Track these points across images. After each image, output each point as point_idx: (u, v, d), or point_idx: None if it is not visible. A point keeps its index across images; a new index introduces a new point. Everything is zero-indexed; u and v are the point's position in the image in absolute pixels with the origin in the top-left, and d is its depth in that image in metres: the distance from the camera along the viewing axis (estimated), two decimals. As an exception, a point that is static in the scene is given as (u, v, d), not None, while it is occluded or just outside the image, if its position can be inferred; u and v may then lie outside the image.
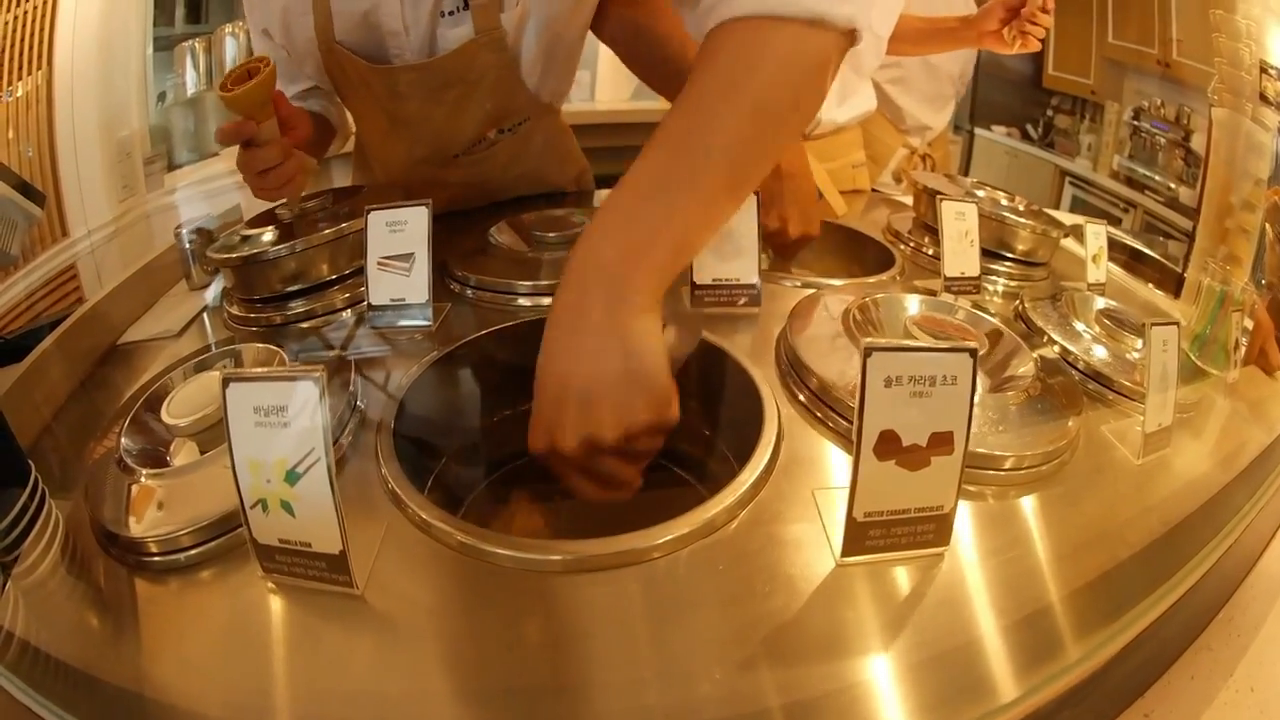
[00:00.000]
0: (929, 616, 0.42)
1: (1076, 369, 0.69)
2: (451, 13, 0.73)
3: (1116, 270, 0.95)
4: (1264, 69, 0.93)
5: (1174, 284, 1.00)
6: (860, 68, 1.13)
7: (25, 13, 0.89)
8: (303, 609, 0.42)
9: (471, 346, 0.65)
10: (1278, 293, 0.95)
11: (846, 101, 1.14)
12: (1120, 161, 1.17)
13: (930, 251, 0.81)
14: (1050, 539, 0.49)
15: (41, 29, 0.91)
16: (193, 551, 0.45)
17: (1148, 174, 1.12)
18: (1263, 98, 0.93)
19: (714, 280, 0.69)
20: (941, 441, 0.44)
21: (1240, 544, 0.61)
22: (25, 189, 0.86)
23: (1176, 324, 0.62)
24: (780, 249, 0.83)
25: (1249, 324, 0.86)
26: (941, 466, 0.44)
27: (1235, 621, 0.56)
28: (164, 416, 0.56)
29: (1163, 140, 1.12)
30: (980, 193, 0.99)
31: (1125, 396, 0.67)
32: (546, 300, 0.71)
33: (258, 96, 0.71)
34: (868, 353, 0.41)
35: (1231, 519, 0.60)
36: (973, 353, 0.43)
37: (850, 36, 0.51)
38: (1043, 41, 1.13)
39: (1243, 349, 0.82)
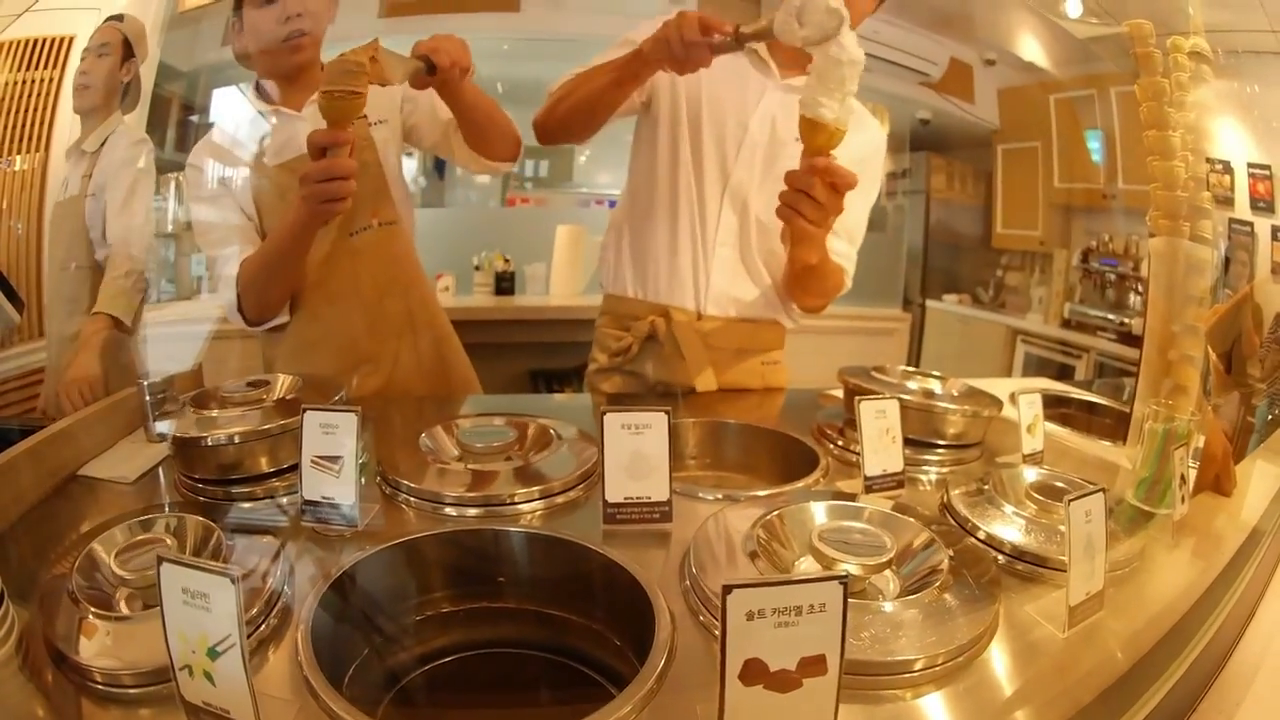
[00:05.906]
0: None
1: (1003, 553, 0.71)
2: None
3: (1059, 431, 0.96)
4: (1210, 165, 0.95)
5: (1127, 426, 1.00)
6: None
7: (33, 82, 0.94)
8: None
9: (396, 550, 0.68)
10: (1222, 415, 0.94)
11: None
12: (1071, 308, 1.20)
13: (856, 449, 0.83)
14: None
15: (44, 106, 0.94)
16: (133, 691, 0.50)
17: (1099, 314, 1.15)
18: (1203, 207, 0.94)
19: (625, 498, 0.72)
20: (813, 663, 0.46)
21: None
22: (8, 292, 0.90)
23: (1101, 491, 0.63)
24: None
25: (1200, 443, 0.86)
26: (815, 687, 0.46)
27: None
28: (113, 566, 0.60)
29: (1112, 276, 1.15)
30: (912, 383, 1.02)
31: (1057, 570, 0.68)
32: (471, 511, 0.76)
33: (355, 109, 0.77)
34: (726, 590, 0.43)
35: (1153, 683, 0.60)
36: (842, 580, 0.45)
37: None
38: (988, 201, 1.19)
39: (1189, 483, 0.82)
